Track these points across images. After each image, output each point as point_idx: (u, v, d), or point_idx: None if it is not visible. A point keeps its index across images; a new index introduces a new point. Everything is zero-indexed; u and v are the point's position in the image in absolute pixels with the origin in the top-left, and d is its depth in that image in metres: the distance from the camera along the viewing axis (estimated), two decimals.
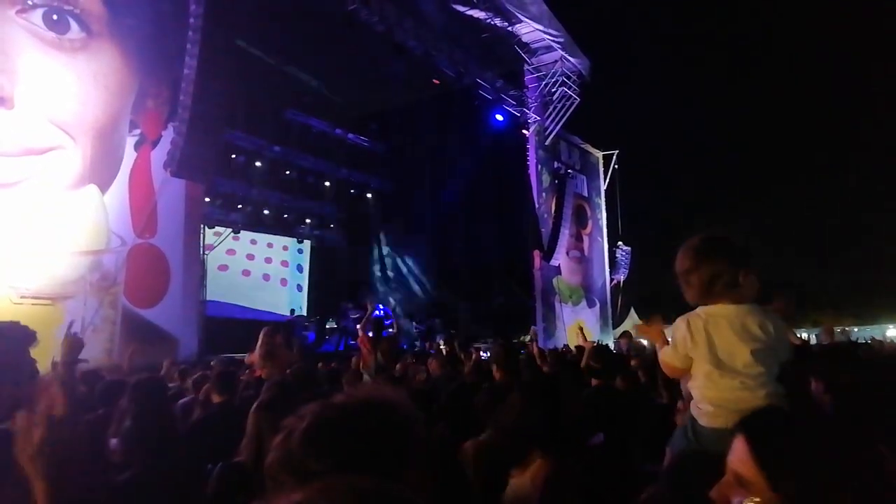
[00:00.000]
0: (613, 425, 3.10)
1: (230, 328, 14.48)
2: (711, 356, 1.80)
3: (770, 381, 1.79)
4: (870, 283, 29.07)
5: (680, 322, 1.91)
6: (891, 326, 25.62)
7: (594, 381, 4.03)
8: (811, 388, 2.60)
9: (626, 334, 9.27)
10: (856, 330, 22.41)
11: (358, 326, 7.81)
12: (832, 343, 5.85)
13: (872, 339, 16.14)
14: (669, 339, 2.04)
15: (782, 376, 1.84)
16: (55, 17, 10.23)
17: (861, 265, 30.64)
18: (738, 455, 1.04)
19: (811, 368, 2.79)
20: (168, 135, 11.67)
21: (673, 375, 2.04)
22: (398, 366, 6.84)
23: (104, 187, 11.11)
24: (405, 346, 13.55)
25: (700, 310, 1.89)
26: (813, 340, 12.76)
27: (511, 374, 3.98)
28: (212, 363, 6.91)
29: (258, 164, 17.19)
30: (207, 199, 16.43)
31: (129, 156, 11.59)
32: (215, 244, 16.29)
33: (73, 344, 2.67)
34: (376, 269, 21.37)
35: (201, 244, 13.58)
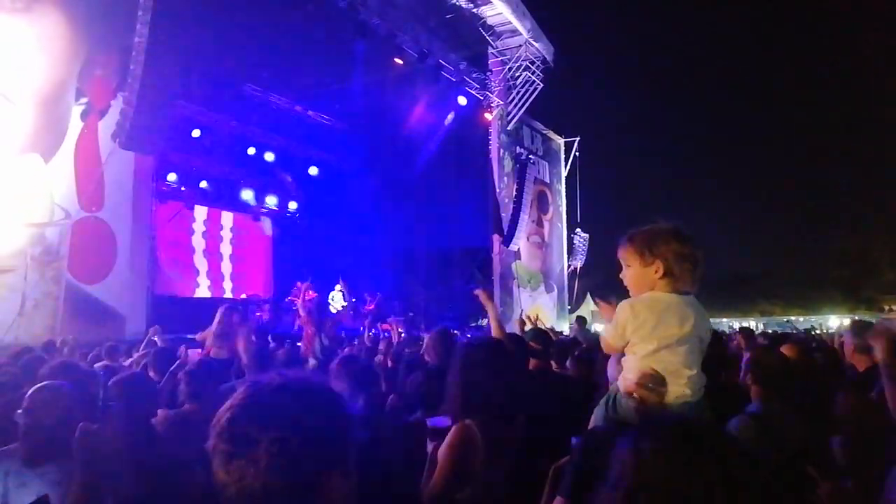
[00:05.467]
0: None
1: (180, 307, 14.12)
2: (648, 336, 1.93)
3: (694, 365, 1.94)
4: (815, 275, 29.98)
5: (624, 304, 2.03)
6: (832, 316, 26.70)
7: (533, 363, 4.00)
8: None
9: (579, 319, 9.27)
10: (801, 319, 23.16)
11: (298, 306, 7.54)
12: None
13: (811, 328, 16.70)
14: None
15: (705, 364, 1.99)
16: None
17: (808, 259, 31.54)
18: None
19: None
20: (117, 105, 11.30)
21: (608, 352, 2.21)
22: (346, 348, 6.70)
23: (47, 157, 10.69)
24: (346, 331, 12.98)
25: (645, 295, 1.99)
26: (760, 329, 13.07)
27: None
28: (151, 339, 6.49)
29: (215, 138, 16.73)
30: (173, 179, 16.02)
31: (76, 126, 11.16)
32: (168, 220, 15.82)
33: None
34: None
35: (151, 219, 13.16)
